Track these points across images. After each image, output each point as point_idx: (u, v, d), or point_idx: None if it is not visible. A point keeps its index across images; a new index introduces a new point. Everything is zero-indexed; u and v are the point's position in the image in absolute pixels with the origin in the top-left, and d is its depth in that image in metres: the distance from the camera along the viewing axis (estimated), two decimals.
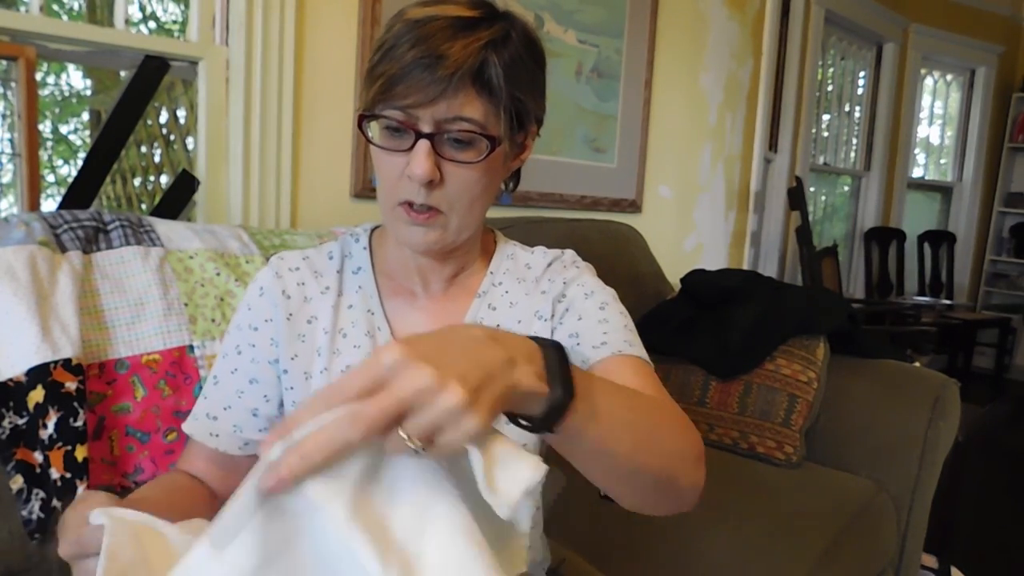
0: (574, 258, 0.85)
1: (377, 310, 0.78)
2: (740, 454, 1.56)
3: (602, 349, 0.73)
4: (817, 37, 3.35)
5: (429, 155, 0.65)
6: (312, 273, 0.79)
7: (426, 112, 0.65)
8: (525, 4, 2.00)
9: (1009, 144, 4.80)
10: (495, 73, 0.65)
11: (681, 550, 1.15)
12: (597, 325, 0.76)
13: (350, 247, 0.82)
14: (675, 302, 1.84)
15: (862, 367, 1.66)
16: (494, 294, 0.80)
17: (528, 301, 0.80)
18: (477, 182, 0.69)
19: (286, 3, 1.49)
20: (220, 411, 0.77)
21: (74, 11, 3.45)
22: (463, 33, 0.64)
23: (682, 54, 2.57)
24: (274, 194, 1.53)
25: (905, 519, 1.53)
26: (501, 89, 0.66)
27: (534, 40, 0.71)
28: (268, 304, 0.77)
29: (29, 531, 0.83)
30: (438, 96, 0.63)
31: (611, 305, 0.78)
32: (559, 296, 0.79)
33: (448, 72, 0.63)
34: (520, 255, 0.85)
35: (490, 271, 0.82)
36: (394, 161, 0.68)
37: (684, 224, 2.75)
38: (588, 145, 2.25)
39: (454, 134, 0.66)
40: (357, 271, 0.80)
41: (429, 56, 0.63)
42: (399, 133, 0.67)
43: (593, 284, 0.81)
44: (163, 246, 1.09)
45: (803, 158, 3.41)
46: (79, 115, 3.99)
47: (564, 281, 0.80)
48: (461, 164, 0.67)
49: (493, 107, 0.66)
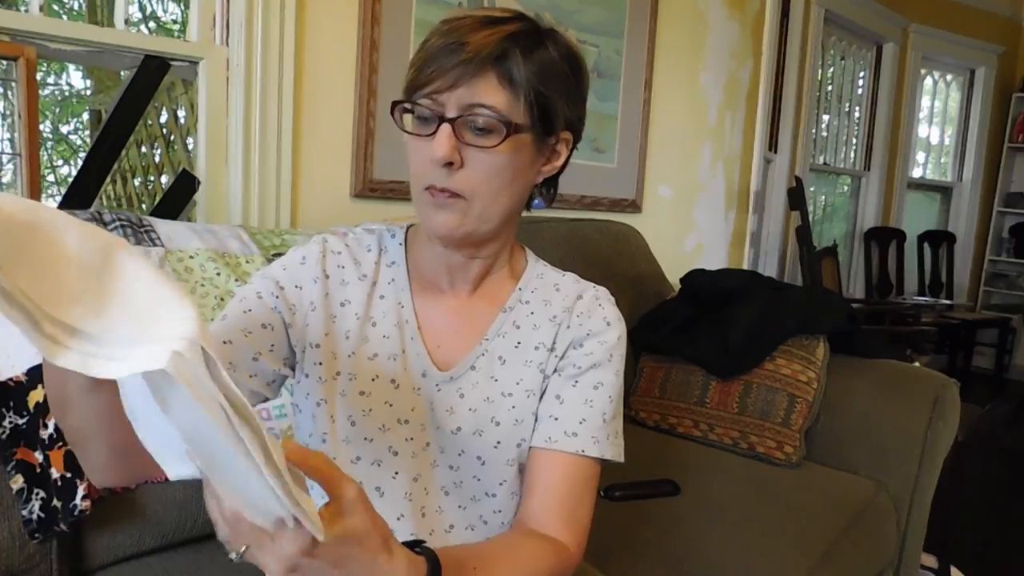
0: (606, 304, 0.83)
1: (407, 303, 0.80)
2: (740, 454, 1.56)
3: (569, 440, 0.75)
4: (817, 37, 3.35)
5: (449, 137, 0.68)
6: (352, 260, 0.81)
7: (450, 97, 0.68)
8: (525, 4, 2.00)
9: (1009, 144, 4.80)
10: (517, 63, 0.68)
11: (681, 550, 1.15)
12: (581, 408, 0.77)
13: (386, 242, 0.84)
14: (675, 302, 1.84)
15: (862, 367, 1.66)
16: (520, 312, 0.81)
17: (551, 327, 0.80)
18: (498, 170, 0.71)
19: (286, 3, 1.49)
20: (219, 344, 0.72)
21: (74, 11, 3.45)
22: (488, 27, 0.68)
23: (682, 54, 2.57)
24: (274, 194, 1.53)
25: (905, 519, 1.53)
26: (523, 80, 0.69)
27: (574, 53, 0.74)
28: (307, 275, 0.78)
29: (29, 531, 0.83)
30: (459, 80, 0.67)
31: (605, 387, 0.79)
32: (577, 343, 0.80)
33: (469, 56, 0.66)
34: (549, 275, 0.85)
35: (519, 287, 0.82)
36: (422, 147, 0.70)
37: (684, 224, 2.75)
38: (588, 145, 2.25)
39: (475, 120, 0.68)
40: (391, 264, 0.82)
41: (453, 43, 0.67)
42: (426, 121, 0.70)
43: (608, 351, 0.80)
44: (163, 246, 1.09)
45: (803, 158, 3.41)
46: (79, 115, 3.99)
47: (589, 331, 0.80)
48: (480, 149, 0.69)
49: (514, 97, 0.69)
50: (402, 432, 0.75)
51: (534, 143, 0.73)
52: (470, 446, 0.76)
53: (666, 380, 1.71)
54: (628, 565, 1.10)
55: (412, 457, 0.76)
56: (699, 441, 1.62)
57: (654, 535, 1.18)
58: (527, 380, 0.78)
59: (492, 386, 0.77)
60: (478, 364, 0.78)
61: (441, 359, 0.78)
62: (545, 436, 0.76)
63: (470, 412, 0.76)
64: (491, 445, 0.75)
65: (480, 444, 0.76)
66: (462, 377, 0.77)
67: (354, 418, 0.75)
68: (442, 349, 0.79)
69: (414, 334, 0.78)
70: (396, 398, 0.76)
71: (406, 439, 0.76)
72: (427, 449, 0.76)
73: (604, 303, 0.83)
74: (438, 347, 0.79)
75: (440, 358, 0.78)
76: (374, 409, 0.75)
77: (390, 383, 0.76)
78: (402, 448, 0.75)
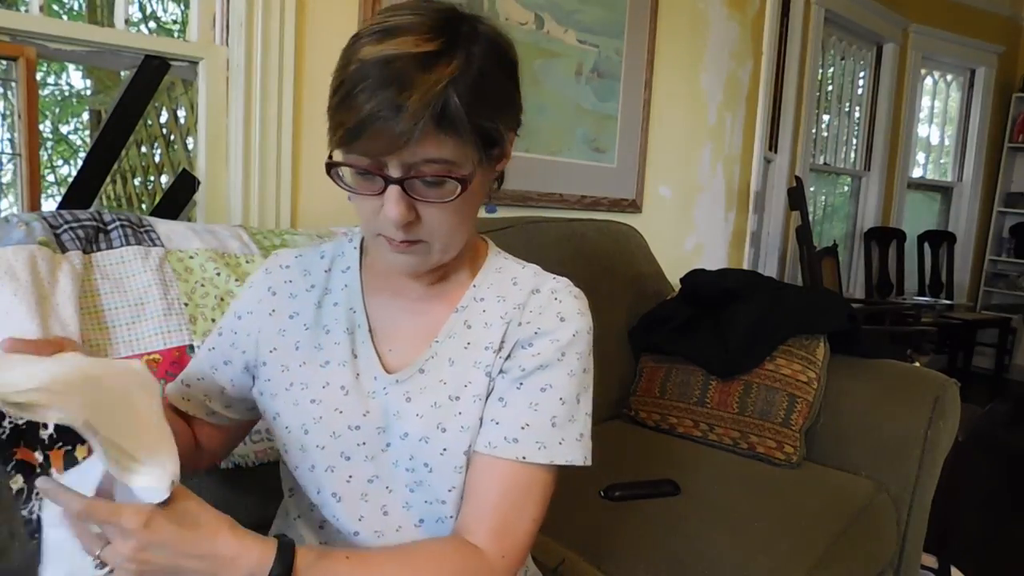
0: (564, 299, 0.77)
1: (359, 308, 0.79)
2: (740, 454, 1.56)
3: (509, 447, 0.71)
4: (817, 37, 3.35)
5: (401, 199, 0.64)
6: (301, 271, 0.82)
7: (392, 158, 0.63)
8: (525, 4, 2.00)
9: (1009, 144, 4.80)
10: (457, 111, 0.62)
11: (681, 550, 1.15)
12: (525, 412, 0.72)
13: (343, 247, 0.84)
14: (675, 302, 1.84)
15: (862, 367, 1.66)
16: (473, 310, 0.78)
17: (501, 325, 0.76)
18: (455, 214, 0.68)
19: (286, 3, 1.49)
20: (194, 380, 0.84)
21: (74, 11, 3.45)
22: (422, 75, 0.61)
23: (682, 54, 2.57)
24: (274, 194, 1.53)
25: (905, 519, 1.53)
26: (466, 125, 0.63)
27: (500, 49, 0.68)
28: (253, 298, 0.82)
29: (29, 531, 0.83)
30: (399, 142, 0.61)
31: (555, 389, 0.73)
32: (525, 342, 0.75)
33: (409, 123, 0.60)
34: (508, 268, 0.81)
35: (474, 284, 0.79)
36: (368, 202, 0.67)
37: (684, 224, 2.75)
38: (588, 145, 2.25)
39: (424, 176, 0.64)
40: (346, 270, 0.81)
41: (387, 107, 0.60)
42: (368, 176, 0.65)
43: (559, 350, 0.74)
44: (163, 246, 1.09)
45: (803, 158, 3.41)
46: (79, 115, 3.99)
47: (538, 330, 0.74)
48: (435, 203, 0.66)
49: (461, 142, 0.64)
50: (353, 437, 0.74)
51: (484, 169, 0.69)
52: (418, 452, 0.73)
53: (666, 380, 1.71)
54: (628, 565, 1.10)
55: (367, 460, 0.74)
56: (699, 441, 1.62)
57: (654, 535, 1.18)
58: (475, 383, 0.74)
59: (440, 390, 0.74)
60: (427, 367, 0.75)
61: (392, 362, 0.77)
62: (485, 441, 0.72)
63: (417, 417, 0.73)
64: (437, 452, 0.72)
65: (427, 450, 0.72)
66: (409, 380, 0.75)
67: (307, 427, 0.75)
68: (394, 352, 0.77)
69: (365, 338, 0.77)
70: (346, 404, 0.75)
71: (358, 444, 0.74)
72: (387, 451, 0.74)
73: (562, 297, 0.76)
74: (390, 350, 0.77)
75: (391, 361, 0.77)
76: (324, 416, 0.74)
77: (339, 389, 0.75)
78: (355, 452, 0.74)
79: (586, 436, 0.75)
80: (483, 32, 0.67)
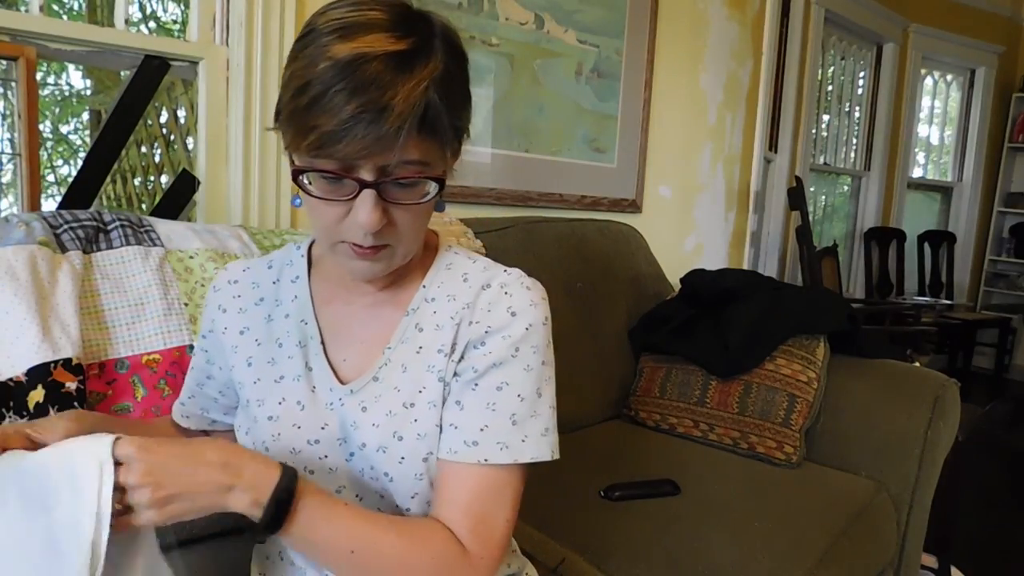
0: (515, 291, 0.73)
1: (310, 320, 0.77)
2: (740, 454, 1.56)
3: (469, 450, 0.69)
4: (817, 37, 3.35)
5: (376, 205, 0.62)
6: (250, 284, 0.80)
7: (367, 161, 0.60)
8: (525, 4, 2.00)
9: (1009, 144, 4.81)
10: (440, 113, 0.61)
11: (681, 550, 1.15)
12: (483, 413, 0.70)
13: (291, 255, 0.81)
14: (675, 302, 1.84)
15: (862, 367, 1.66)
16: (424, 312, 0.75)
17: (451, 326, 0.73)
18: (422, 215, 0.68)
19: (286, 3, 1.49)
20: (187, 399, 0.88)
21: (74, 11, 3.45)
22: (402, 76, 0.58)
23: (682, 54, 2.57)
24: (274, 194, 1.53)
25: (905, 519, 1.53)
26: (445, 125, 0.62)
27: (458, 44, 0.66)
28: (208, 318, 0.82)
29: None
30: (378, 146, 0.59)
31: (512, 386, 0.70)
32: (476, 342, 0.72)
33: (394, 126, 0.58)
34: (458, 264, 0.77)
35: (424, 284, 0.76)
36: (332, 208, 0.64)
37: (684, 224, 2.75)
38: (588, 145, 2.25)
39: (399, 179, 0.62)
40: (295, 280, 0.79)
41: (370, 110, 0.57)
42: (336, 180, 0.62)
43: (512, 346, 0.71)
44: (163, 246, 1.09)
45: (803, 158, 3.41)
46: (79, 115, 3.99)
47: (488, 329, 0.71)
48: (408, 205, 0.64)
49: (438, 143, 0.63)
50: (314, 451, 0.72)
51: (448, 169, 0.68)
52: (377, 462, 0.70)
53: (666, 380, 1.71)
54: (628, 565, 1.10)
55: (331, 472, 0.72)
56: (699, 441, 1.62)
57: (654, 535, 1.18)
58: (429, 389, 0.71)
59: (394, 397, 0.71)
60: (380, 375, 0.73)
61: (346, 372, 0.74)
62: (447, 447, 0.69)
63: (373, 427, 0.70)
64: (396, 461, 0.70)
65: (385, 460, 0.70)
66: (363, 390, 0.72)
67: (267, 444, 0.73)
68: (348, 362, 0.75)
69: (318, 350, 0.75)
70: (304, 419, 0.73)
71: (320, 457, 0.72)
72: (351, 460, 0.72)
73: (512, 290, 0.72)
74: (344, 360, 0.75)
75: (345, 371, 0.74)
76: (283, 433, 0.73)
77: (295, 404, 0.73)
78: (317, 466, 0.72)
79: (552, 430, 0.72)
80: (440, 27, 0.65)
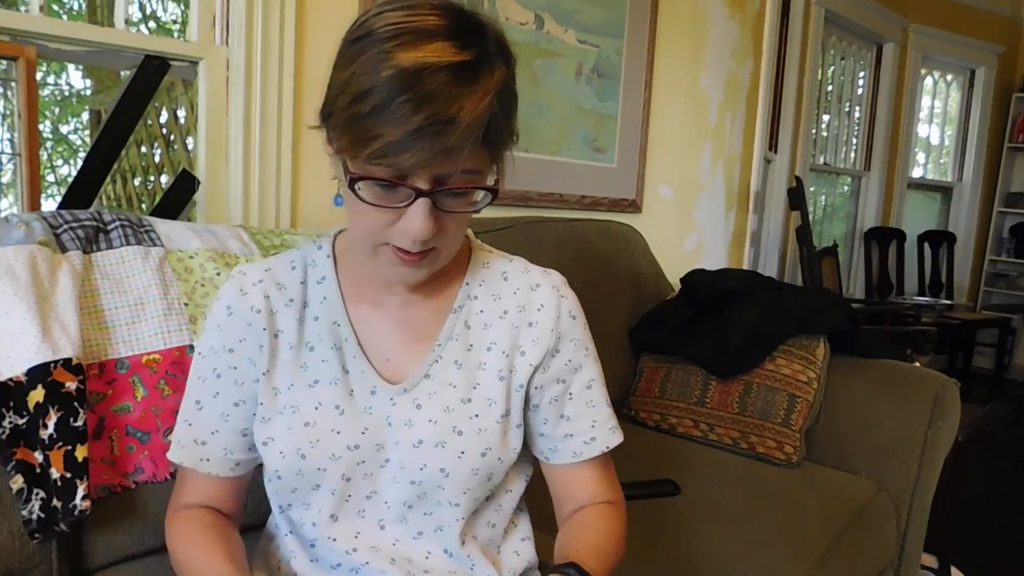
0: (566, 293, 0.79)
1: (343, 321, 0.75)
2: (740, 454, 1.56)
3: (592, 446, 0.79)
4: (817, 37, 3.35)
5: (430, 213, 0.62)
6: (275, 285, 0.76)
7: (425, 171, 0.61)
8: (525, 4, 2.00)
9: (1009, 144, 4.81)
10: (501, 124, 0.62)
11: (681, 550, 1.15)
12: (588, 413, 0.79)
13: (313, 255, 0.79)
14: (675, 302, 1.84)
15: (862, 367, 1.66)
16: (470, 309, 0.77)
17: (503, 326, 0.76)
18: (467, 220, 0.69)
19: (286, 3, 1.49)
20: (208, 436, 0.76)
21: (74, 11, 3.45)
22: (468, 88, 0.59)
23: (682, 54, 2.57)
24: (274, 194, 1.53)
25: (905, 519, 1.53)
26: (504, 137, 0.64)
27: (508, 51, 0.66)
28: (239, 323, 0.75)
29: (29, 531, 0.83)
30: (440, 157, 0.59)
31: (596, 380, 0.81)
32: (552, 350, 0.77)
33: (461, 139, 0.58)
34: (495, 264, 0.80)
35: (466, 282, 0.78)
36: (383, 214, 0.64)
37: (684, 224, 2.75)
38: (588, 145, 2.25)
39: (455, 188, 0.63)
40: (321, 280, 0.77)
41: (437, 122, 0.57)
42: (391, 188, 0.62)
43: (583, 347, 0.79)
44: (163, 246, 1.09)
45: (803, 158, 3.41)
46: (79, 115, 3.99)
47: (560, 334, 0.77)
48: (458, 213, 0.65)
49: (494, 153, 0.64)
50: (353, 457, 0.71)
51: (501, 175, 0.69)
52: (432, 459, 0.71)
53: (666, 380, 1.71)
54: (628, 565, 1.10)
55: (366, 478, 0.72)
56: (699, 441, 1.62)
57: (654, 535, 1.18)
58: (485, 386, 0.74)
59: (451, 393, 0.73)
60: (432, 372, 0.74)
61: (392, 372, 0.74)
62: (570, 453, 0.79)
63: (431, 423, 0.71)
64: (455, 456, 0.71)
65: (443, 455, 0.71)
66: (416, 387, 0.73)
67: (303, 451, 0.71)
68: (392, 362, 0.75)
69: (355, 352, 0.74)
70: (343, 424, 0.71)
71: (358, 463, 0.71)
72: (386, 466, 0.72)
73: (565, 291, 0.79)
74: (387, 360, 0.75)
75: (390, 371, 0.74)
76: (321, 439, 0.71)
77: (334, 409, 0.72)
78: (354, 472, 0.72)
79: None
80: (494, 33, 0.64)
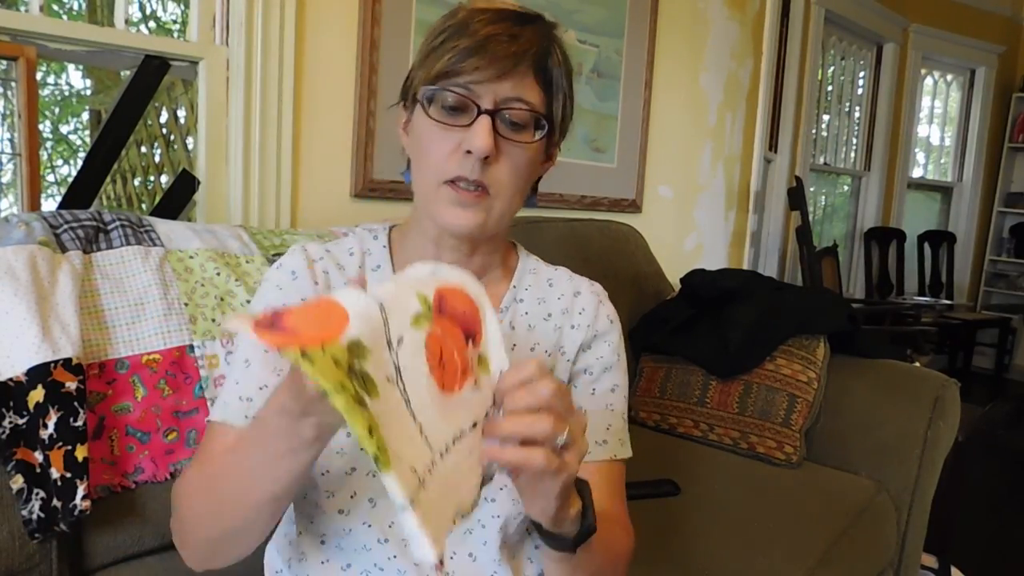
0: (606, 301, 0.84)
1: None
2: (740, 454, 1.56)
3: (601, 449, 0.78)
4: (817, 37, 3.35)
5: (490, 130, 0.67)
6: (335, 265, 0.77)
7: (488, 89, 0.67)
8: (525, 4, 2.00)
9: (1009, 144, 4.81)
10: (555, 65, 0.71)
11: (681, 550, 1.15)
12: (604, 415, 0.79)
13: (368, 244, 0.79)
14: (675, 302, 1.84)
15: (862, 367, 1.66)
16: (515, 311, 0.79)
17: (546, 328, 0.79)
18: (526, 167, 0.72)
19: (286, 3, 1.49)
20: (255, 392, 0.71)
21: (74, 11, 3.45)
22: (531, 24, 0.70)
23: (682, 54, 2.57)
24: (274, 194, 1.53)
25: (905, 519, 1.53)
26: (558, 81, 0.71)
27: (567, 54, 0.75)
28: (303, 285, 0.74)
29: (29, 531, 0.83)
30: (504, 72, 0.67)
31: (620, 387, 0.81)
32: (585, 345, 0.80)
33: (522, 49, 0.67)
34: (542, 270, 0.84)
35: (513, 284, 0.81)
36: (449, 137, 0.68)
37: (684, 224, 2.75)
38: (588, 145, 2.25)
39: (512, 115, 0.68)
40: (376, 268, 0.78)
41: (505, 33, 0.67)
42: (456, 111, 0.68)
43: (616, 351, 0.82)
44: (163, 246, 1.09)
45: (803, 158, 3.41)
46: (79, 115, 3.99)
47: (596, 333, 0.81)
48: (516, 143, 0.69)
49: (548, 98, 0.71)
50: None
51: (546, 143, 0.74)
52: None
53: (666, 380, 1.71)
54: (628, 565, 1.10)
55: None
56: (699, 441, 1.62)
57: (654, 535, 1.18)
58: None
59: None
60: None
61: None
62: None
63: None
64: None
65: None
66: None
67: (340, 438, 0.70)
68: None
69: None
70: None
71: None
72: None
73: (604, 299, 0.84)
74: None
75: None
76: None
77: None
78: None
79: None
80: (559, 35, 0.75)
